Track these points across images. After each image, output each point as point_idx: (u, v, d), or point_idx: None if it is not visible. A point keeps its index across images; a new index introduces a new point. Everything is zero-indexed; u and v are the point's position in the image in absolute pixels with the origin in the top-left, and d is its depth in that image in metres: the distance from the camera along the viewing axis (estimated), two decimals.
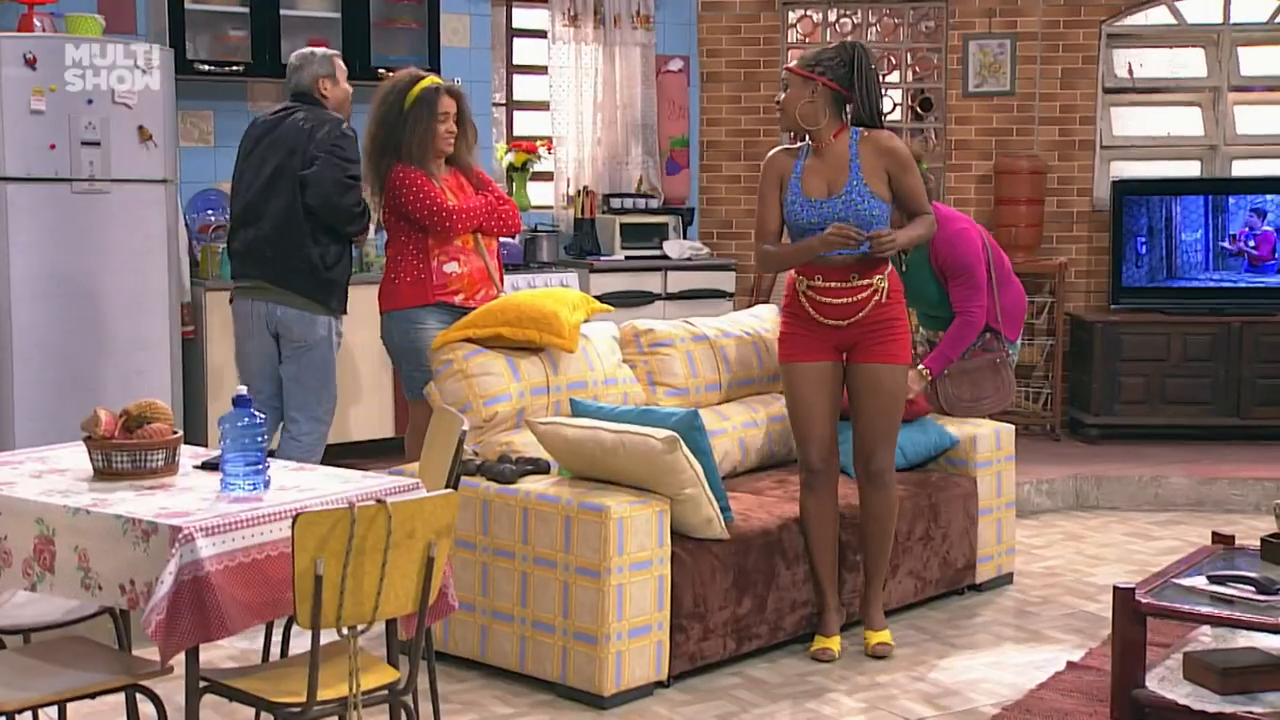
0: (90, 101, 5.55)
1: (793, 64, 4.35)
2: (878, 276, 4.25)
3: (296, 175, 4.98)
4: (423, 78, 4.92)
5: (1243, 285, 7.42)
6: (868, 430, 4.33)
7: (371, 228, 5.20)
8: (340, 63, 5.30)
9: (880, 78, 4.29)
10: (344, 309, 5.23)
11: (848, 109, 4.26)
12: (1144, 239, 7.47)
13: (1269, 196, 7.40)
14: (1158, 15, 7.83)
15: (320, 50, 5.28)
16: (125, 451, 3.17)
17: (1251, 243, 7.38)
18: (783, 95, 4.29)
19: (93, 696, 3.00)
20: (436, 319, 4.85)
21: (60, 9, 5.85)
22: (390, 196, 4.85)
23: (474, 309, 4.71)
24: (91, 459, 3.21)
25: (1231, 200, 7.42)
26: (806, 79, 4.23)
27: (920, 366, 4.94)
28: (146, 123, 5.67)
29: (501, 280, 5.07)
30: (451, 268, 4.89)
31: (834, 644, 4.35)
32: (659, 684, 4.02)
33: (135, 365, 5.71)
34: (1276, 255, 7.39)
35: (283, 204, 5.00)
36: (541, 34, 7.54)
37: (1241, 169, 7.83)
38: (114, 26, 6.04)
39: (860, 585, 4.50)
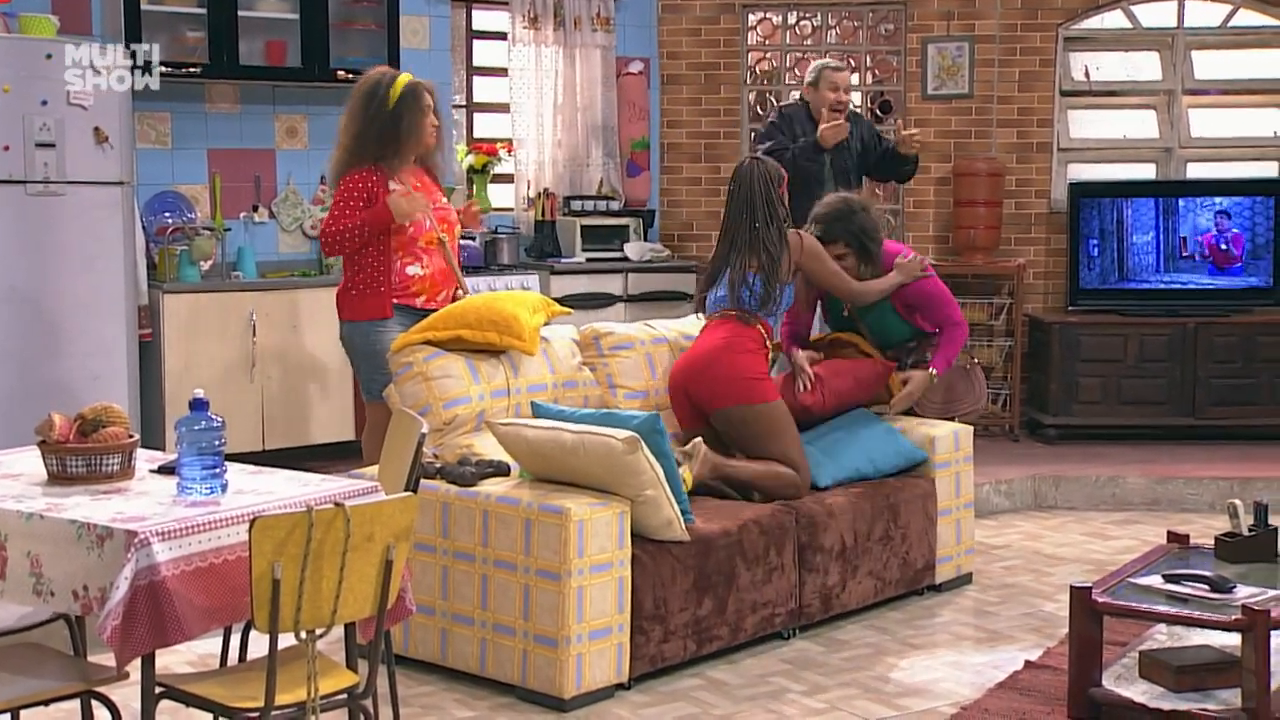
0: (45, 102, 5.50)
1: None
2: None
3: None
4: (397, 75, 4.97)
5: (1196, 287, 7.49)
6: None
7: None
8: (829, 73, 6.02)
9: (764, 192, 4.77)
10: None
11: None
12: (1097, 241, 7.53)
13: (1225, 199, 7.48)
14: (1113, 19, 7.89)
15: (823, 61, 6.12)
16: (80, 456, 3.14)
17: (1223, 245, 7.45)
18: None
19: (47, 703, 2.98)
20: (398, 321, 4.86)
21: (14, 9, 5.79)
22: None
23: (435, 310, 4.73)
24: (46, 463, 3.18)
25: (1183, 203, 7.49)
26: None
27: (930, 370, 5.07)
28: (102, 124, 5.62)
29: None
30: (414, 269, 4.91)
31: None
32: (619, 686, 4.02)
33: (91, 369, 5.66)
34: (1244, 257, 7.47)
35: None
36: (501, 36, 7.52)
37: (1196, 171, 7.91)
38: (69, 27, 5.99)
39: (819, 584, 4.53)
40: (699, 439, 4.55)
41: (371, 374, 4.92)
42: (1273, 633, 3.47)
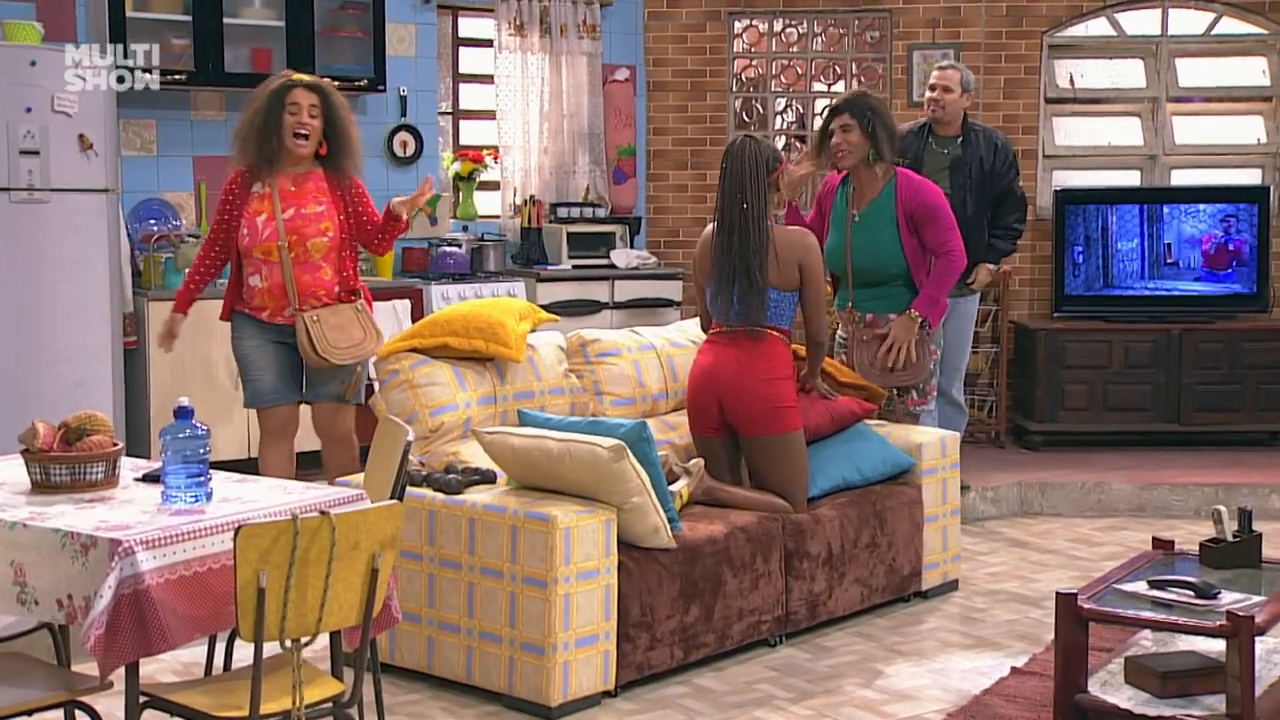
0: (29, 110, 5.49)
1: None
2: None
3: None
4: (289, 74, 4.87)
5: (1181, 294, 7.52)
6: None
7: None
8: (933, 70, 6.29)
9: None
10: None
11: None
12: (1082, 247, 7.55)
13: (1209, 205, 7.50)
14: (1098, 26, 7.92)
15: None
16: (64, 464, 3.14)
17: (1230, 245, 7.48)
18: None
19: (30, 713, 2.96)
20: (250, 331, 4.85)
21: None
22: None
23: (282, 326, 4.74)
24: (29, 472, 3.17)
25: (1167, 209, 7.51)
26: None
27: (910, 311, 5.09)
28: (87, 131, 5.61)
29: (323, 299, 4.80)
30: (254, 280, 4.83)
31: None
32: (606, 694, 4.01)
33: (76, 376, 5.64)
34: (1233, 264, 7.48)
35: None
36: (488, 43, 7.53)
37: (1180, 178, 7.94)
38: (53, 34, 5.97)
39: (806, 591, 4.53)
40: (700, 460, 4.56)
41: (241, 377, 4.94)
42: (1257, 638, 3.49)
